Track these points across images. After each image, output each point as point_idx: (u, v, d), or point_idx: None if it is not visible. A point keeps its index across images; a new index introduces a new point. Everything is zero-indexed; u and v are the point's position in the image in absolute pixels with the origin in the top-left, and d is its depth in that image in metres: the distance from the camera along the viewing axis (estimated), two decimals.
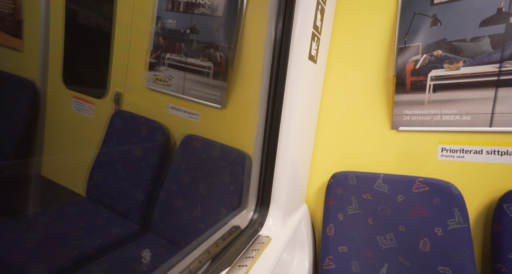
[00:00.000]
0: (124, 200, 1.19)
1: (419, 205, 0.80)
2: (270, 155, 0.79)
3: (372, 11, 0.90)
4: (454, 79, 0.79)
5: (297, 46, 0.72)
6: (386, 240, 0.84)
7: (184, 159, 1.14)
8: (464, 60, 0.78)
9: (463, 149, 0.80)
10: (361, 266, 0.86)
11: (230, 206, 1.00)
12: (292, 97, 0.74)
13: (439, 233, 0.76)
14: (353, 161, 0.96)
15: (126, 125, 1.24)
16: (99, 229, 1.11)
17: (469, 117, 0.78)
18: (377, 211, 0.86)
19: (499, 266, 0.71)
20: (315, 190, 1.03)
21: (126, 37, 1.28)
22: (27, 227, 1.03)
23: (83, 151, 1.38)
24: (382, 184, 0.85)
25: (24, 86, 1.36)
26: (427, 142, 0.85)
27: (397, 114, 0.87)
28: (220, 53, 1.10)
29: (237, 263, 0.59)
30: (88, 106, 1.36)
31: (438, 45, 0.80)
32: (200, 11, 1.13)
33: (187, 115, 1.20)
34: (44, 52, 1.38)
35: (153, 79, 1.25)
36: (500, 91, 0.74)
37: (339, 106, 0.97)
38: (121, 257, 0.99)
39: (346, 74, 0.95)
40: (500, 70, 0.74)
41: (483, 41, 0.75)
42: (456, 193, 0.75)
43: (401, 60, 0.85)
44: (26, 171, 1.40)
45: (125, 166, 1.21)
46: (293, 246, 0.91)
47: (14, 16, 1.33)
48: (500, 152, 0.76)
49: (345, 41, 0.94)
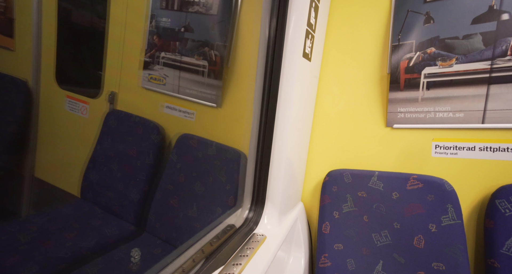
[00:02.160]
0: (119, 200, 1.18)
1: (413, 202, 0.80)
2: (265, 153, 0.79)
3: (366, 9, 0.90)
4: (447, 77, 0.80)
5: (291, 44, 0.72)
6: (381, 237, 0.84)
7: (180, 159, 1.13)
8: (457, 58, 0.78)
9: (456, 146, 0.81)
10: (357, 263, 0.86)
11: (225, 205, 0.99)
12: (286, 95, 0.74)
13: (433, 230, 0.76)
14: (348, 159, 0.96)
15: (121, 124, 1.23)
16: (94, 230, 1.10)
17: (462, 114, 0.79)
18: (372, 208, 0.86)
19: (491, 261, 0.72)
20: (311, 188, 1.03)
21: (120, 36, 1.27)
22: (20, 229, 1.02)
23: (77, 151, 1.36)
24: (377, 181, 0.86)
25: (17, 86, 1.34)
26: (421, 139, 0.85)
27: (391, 111, 0.87)
28: (215, 51, 1.10)
29: (231, 262, 0.59)
30: (82, 106, 1.35)
31: (431, 42, 0.81)
32: (195, 9, 1.13)
33: (183, 114, 1.20)
34: (36, 51, 1.36)
35: (148, 78, 1.24)
36: (492, 88, 0.75)
37: (334, 104, 0.97)
38: (116, 257, 0.98)
39: (341, 72, 0.95)
40: (492, 67, 0.74)
41: (475, 38, 0.76)
42: (450, 190, 0.76)
43: (395, 57, 0.86)
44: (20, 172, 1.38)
45: (120, 166, 1.20)
46: (289, 244, 0.91)
47: (5, 15, 1.31)
48: (492, 148, 0.77)
49: (339, 39, 0.94)
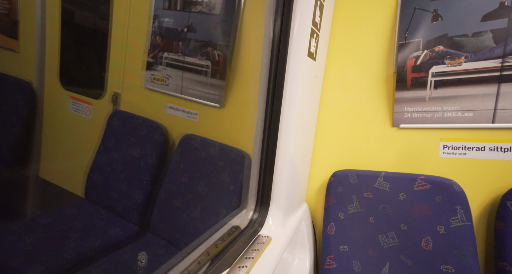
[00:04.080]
0: (123, 201, 1.18)
1: (421, 203, 0.78)
2: (269, 154, 0.78)
3: (372, 7, 0.88)
4: (455, 75, 0.78)
5: (296, 43, 0.71)
6: (387, 239, 0.83)
7: (183, 159, 1.13)
8: (466, 56, 0.77)
9: (465, 146, 0.79)
10: (363, 265, 0.85)
11: (229, 206, 0.99)
12: (291, 95, 0.73)
13: (441, 231, 0.75)
14: (353, 160, 0.95)
15: (124, 125, 1.23)
16: (98, 231, 1.10)
17: (471, 114, 0.77)
18: (379, 209, 0.85)
19: (503, 264, 0.70)
20: (316, 189, 1.02)
21: (123, 37, 1.27)
22: (25, 229, 1.02)
23: (81, 152, 1.37)
24: (383, 182, 0.84)
25: (21, 87, 1.35)
26: (428, 139, 0.84)
27: (398, 111, 0.86)
28: (218, 51, 1.09)
29: (237, 264, 0.58)
30: (86, 106, 1.35)
31: (439, 40, 0.79)
32: (198, 9, 1.12)
33: (186, 115, 1.19)
34: (40, 53, 1.36)
35: (151, 79, 1.24)
36: (502, 87, 0.73)
37: (339, 104, 0.96)
38: (120, 258, 0.98)
39: (346, 71, 0.94)
40: (503, 65, 0.73)
41: (485, 36, 0.74)
42: (459, 191, 0.74)
43: (402, 56, 0.84)
44: (24, 173, 1.39)
45: (124, 166, 1.20)
46: (293, 245, 0.90)
47: (9, 17, 1.32)
48: (503, 148, 0.75)
49: (344, 37, 0.93)
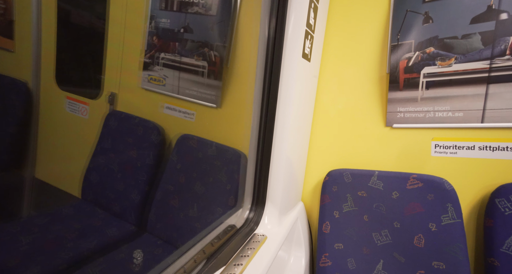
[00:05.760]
0: (120, 201, 1.18)
1: (413, 202, 0.80)
2: (265, 153, 0.79)
3: (365, 9, 0.90)
4: (446, 76, 0.80)
5: (291, 45, 0.72)
6: (381, 236, 0.85)
7: (180, 159, 1.13)
8: (456, 57, 0.78)
9: (456, 145, 0.81)
10: (357, 262, 0.87)
11: (226, 205, 1.00)
12: (286, 96, 0.74)
13: (433, 229, 0.77)
14: (348, 159, 0.97)
15: (121, 125, 1.23)
16: (94, 231, 1.10)
17: (461, 114, 0.79)
18: (372, 208, 0.86)
19: (491, 260, 0.72)
20: (311, 188, 1.03)
21: (120, 37, 1.27)
22: (22, 230, 1.02)
23: (77, 152, 1.36)
24: (377, 181, 0.86)
25: (17, 87, 1.34)
26: (421, 138, 0.86)
27: (391, 111, 0.88)
28: (214, 52, 1.10)
29: (233, 262, 0.59)
30: (82, 107, 1.35)
31: (430, 42, 0.81)
32: (194, 10, 1.13)
33: (183, 115, 1.20)
34: (36, 53, 1.36)
35: (148, 79, 1.24)
36: (491, 88, 0.75)
37: (334, 104, 0.97)
38: (117, 258, 0.98)
39: (340, 72, 0.95)
40: (491, 67, 0.75)
41: (474, 38, 0.76)
42: (450, 189, 0.76)
43: (394, 57, 0.86)
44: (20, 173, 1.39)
45: (121, 166, 1.20)
46: (289, 244, 0.92)
47: (4, 16, 1.31)
48: (491, 147, 0.77)
49: (339, 39, 0.94)
